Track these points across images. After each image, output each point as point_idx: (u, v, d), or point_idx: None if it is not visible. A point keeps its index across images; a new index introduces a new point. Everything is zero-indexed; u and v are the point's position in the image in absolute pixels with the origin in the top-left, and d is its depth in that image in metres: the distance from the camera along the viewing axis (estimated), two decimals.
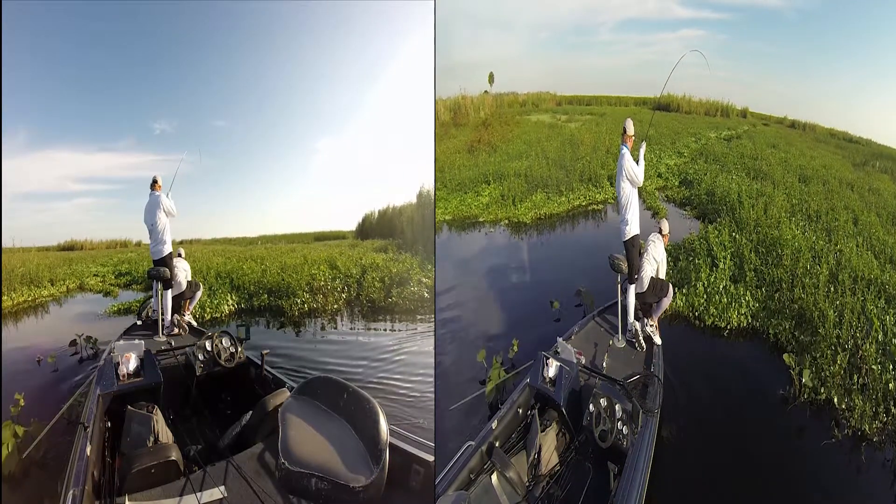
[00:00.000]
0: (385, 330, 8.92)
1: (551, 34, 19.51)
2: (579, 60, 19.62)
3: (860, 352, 5.18)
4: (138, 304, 9.48)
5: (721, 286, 6.71)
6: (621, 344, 5.00)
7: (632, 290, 5.09)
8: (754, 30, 16.96)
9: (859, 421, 4.59)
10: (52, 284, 11.64)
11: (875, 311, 5.85)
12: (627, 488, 3.12)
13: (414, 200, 15.04)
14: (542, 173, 12.16)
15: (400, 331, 8.82)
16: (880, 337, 5.34)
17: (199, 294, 6.95)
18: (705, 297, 6.60)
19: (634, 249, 5.02)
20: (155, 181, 5.96)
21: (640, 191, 10.64)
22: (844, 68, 15.44)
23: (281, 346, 7.48)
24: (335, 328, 9.18)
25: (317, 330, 9.04)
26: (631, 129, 4.94)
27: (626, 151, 4.92)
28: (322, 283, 10.52)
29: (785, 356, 5.31)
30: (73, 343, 7.22)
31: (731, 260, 7.30)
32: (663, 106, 17.31)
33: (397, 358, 7.32)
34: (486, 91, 17.94)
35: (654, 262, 5.19)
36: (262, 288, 10.35)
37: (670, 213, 9.83)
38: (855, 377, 4.97)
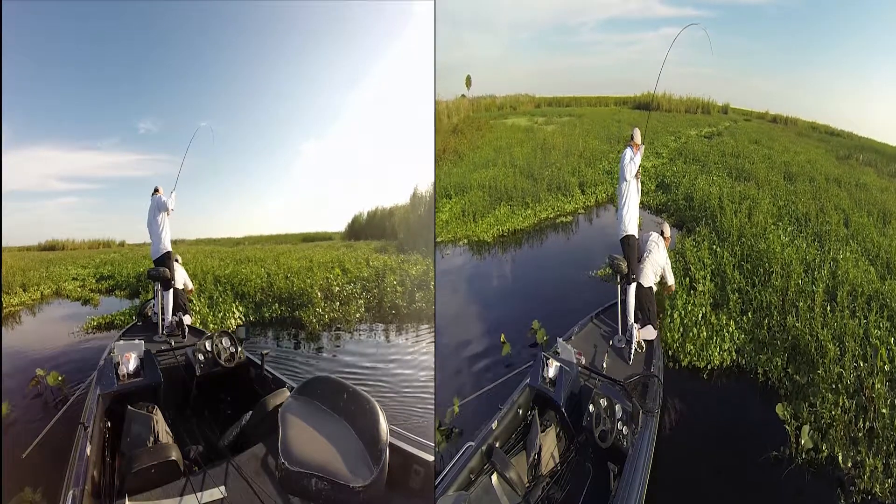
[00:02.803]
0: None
1: (531, 34, 19.34)
2: (560, 61, 19.55)
3: (865, 390, 4.44)
4: (122, 317, 8.57)
5: (700, 315, 5.83)
6: (621, 344, 5.00)
7: (631, 290, 5.10)
8: (736, 26, 17.10)
9: (868, 482, 3.88)
10: (25, 290, 10.34)
11: (879, 333, 5.07)
12: (627, 488, 3.12)
13: (406, 201, 14.73)
14: (507, 184, 11.25)
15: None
16: (887, 367, 4.60)
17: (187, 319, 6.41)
18: (681, 329, 5.69)
19: (630, 248, 5.11)
20: (156, 189, 6.26)
21: (614, 199, 10.41)
22: (825, 62, 15.62)
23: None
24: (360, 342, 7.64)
25: (331, 345, 7.67)
26: (638, 138, 5.10)
27: (627, 151, 5.08)
28: (338, 288, 9.20)
29: (778, 407, 4.52)
30: (35, 381, 5.71)
31: (711, 281, 6.45)
32: (643, 104, 17.10)
33: None
34: (462, 95, 17.71)
35: (658, 265, 5.24)
36: (270, 296, 9.13)
37: (645, 221, 8.26)
38: (861, 422, 4.22)
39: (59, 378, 5.72)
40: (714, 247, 7.40)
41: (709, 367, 5.44)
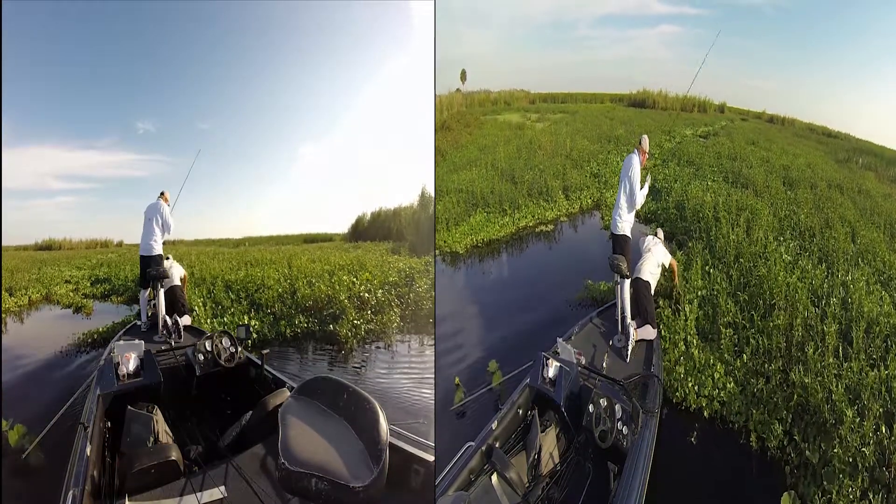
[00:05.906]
0: None
1: (528, 30, 18.98)
2: (555, 57, 19.14)
3: (891, 467, 3.59)
4: (121, 329, 7.30)
5: (680, 341, 5.04)
6: (621, 343, 5.00)
7: (626, 286, 5.13)
8: (733, 25, 16.98)
9: None
10: (12, 295, 9.27)
11: None
12: (627, 488, 3.11)
13: (410, 202, 14.24)
14: (485, 188, 10.25)
15: None
16: None
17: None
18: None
19: (621, 248, 5.34)
20: (162, 193, 6.46)
21: (600, 204, 9.90)
22: (823, 62, 15.57)
23: None
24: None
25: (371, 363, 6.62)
26: (646, 145, 5.35)
27: (634, 157, 5.31)
28: (368, 295, 8.02)
29: (784, 498, 3.60)
30: None
31: (700, 310, 5.66)
32: (639, 102, 16.79)
33: None
34: (457, 89, 17.35)
35: (658, 261, 5.49)
36: (292, 307, 7.96)
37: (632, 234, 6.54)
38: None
39: (23, 435, 4.44)
40: (707, 268, 6.49)
41: (683, 405, 4.62)
